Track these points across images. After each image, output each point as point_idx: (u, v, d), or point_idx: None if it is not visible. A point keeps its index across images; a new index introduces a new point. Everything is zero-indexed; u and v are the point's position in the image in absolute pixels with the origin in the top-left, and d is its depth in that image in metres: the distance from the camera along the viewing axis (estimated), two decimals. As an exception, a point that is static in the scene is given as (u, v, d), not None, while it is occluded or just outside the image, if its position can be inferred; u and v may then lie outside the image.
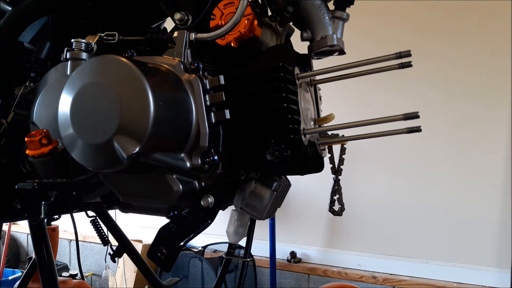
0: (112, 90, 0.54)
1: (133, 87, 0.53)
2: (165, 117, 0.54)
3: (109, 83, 0.54)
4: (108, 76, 0.55)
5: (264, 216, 0.65)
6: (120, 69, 0.54)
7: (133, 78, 0.53)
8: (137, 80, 0.53)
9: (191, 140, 0.59)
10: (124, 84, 0.53)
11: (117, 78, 0.54)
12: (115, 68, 0.55)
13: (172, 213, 0.62)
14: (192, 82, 0.59)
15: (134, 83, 0.53)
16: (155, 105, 0.52)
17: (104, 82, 0.55)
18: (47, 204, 0.56)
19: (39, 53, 0.78)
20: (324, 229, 2.67)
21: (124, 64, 0.54)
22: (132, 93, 0.53)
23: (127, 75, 0.53)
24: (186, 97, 0.59)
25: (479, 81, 2.29)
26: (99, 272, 3.15)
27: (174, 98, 0.57)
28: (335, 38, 0.67)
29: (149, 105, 0.52)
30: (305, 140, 0.59)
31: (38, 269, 1.01)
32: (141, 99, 0.52)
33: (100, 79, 0.55)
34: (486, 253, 2.28)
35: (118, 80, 0.54)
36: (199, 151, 0.59)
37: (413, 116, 0.55)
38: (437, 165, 2.39)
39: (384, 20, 2.51)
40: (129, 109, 0.52)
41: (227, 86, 0.59)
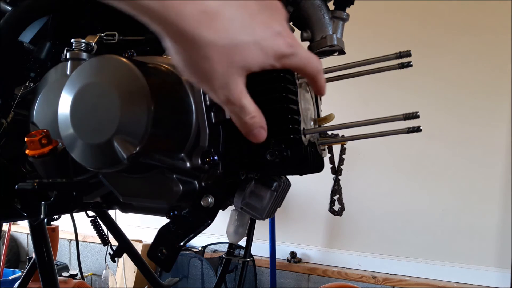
0: (112, 90, 0.54)
1: (133, 87, 0.53)
2: (165, 117, 0.54)
3: (109, 83, 0.54)
4: (108, 76, 0.55)
5: (264, 216, 0.65)
6: (120, 69, 0.54)
7: (133, 78, 0.53)
8: (137, 80, 0.53)
9: (191, 140, 0.59)
10: (124, 84, 0.53)
11: (117, 78, 0.54)
12: (115, 68, 0.55)
13: (172, 213, 0.62)
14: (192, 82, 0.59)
15: (134, 83, 0.53)
16: (155, 105, 0.52)
17: (104, 82, 0.55)
18: (47, 204, 0.56)
19: (39, 53, 0.78)
20: (324, 229, 2.67)
21: (124, 64, 0.54)
22: (132, 93, 0.53)
23: (127, 75, 0.53)
24: (186, 97, 0.59)
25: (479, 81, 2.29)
26: (99, 272, 3.15)
27: (174, 98, 0.57)
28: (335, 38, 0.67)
29: (149, 105, 0.52)
30: (305, 140, 0.59)
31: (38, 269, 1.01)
32: (141, 99, 0.52)
33: (100, 79, 0.55)
34: (486, 253, 2.28)
35: (118, 80, 0.54)
36: (199, 151, 0.59)
37: (413, 116, 0.55)
38: (437, 165, 2.39)
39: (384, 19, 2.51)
40: (129, 109, 0.52)
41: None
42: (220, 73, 0.41)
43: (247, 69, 0.42)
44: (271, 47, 0.42)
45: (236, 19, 0.40)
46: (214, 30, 0.38)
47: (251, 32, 0.41)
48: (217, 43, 0.39)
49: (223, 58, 0.40)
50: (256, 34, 0.41)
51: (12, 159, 0.71)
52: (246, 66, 0.42)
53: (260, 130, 0.46)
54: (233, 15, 0.39)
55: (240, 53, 0.40)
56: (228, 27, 0.39)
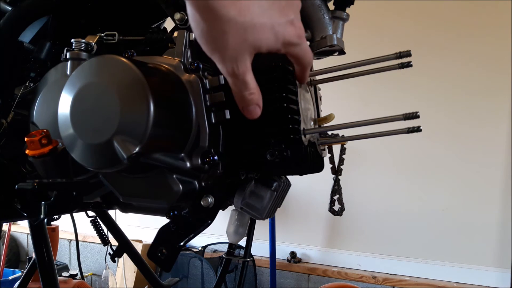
0: (112, 90, 0.54)
1: (133, 87, 0.53)
2: (165, 117, 0.54)
3: (109, 83, 0.54)
4: (108, 76, 0.55)
5: (264, 216, 0.65)
6: (120, 69, 0.54)
7: (133, 78, 0.53)
8: (137, 80, 0.53)
9: (191, 140, 0.59)
10: (124, 84, 0.53)
11: (117, 78, 0.54)
12: (115, 68, 0.55)
13: (172, 213, 0.62)
14: (192, 82, 0.59)
15: (134, 83, 0.53)
16: (155, 105, 0.52)
17: (104, 82, 0.55)
18: (47, 204, 0.56)
19: (39, 53, 0.78)
20: (324, 229, 2.67)
21: (124, 64, 0.54)
22: (132, 93, 0.53)
23: (127, 75, 0.53)
24: (186, 97, 0.59)
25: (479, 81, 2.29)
26: (99, 272, 3.15)
27: (174, 98, 0.57)
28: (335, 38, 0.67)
29: (149, 105, 0.52)
30: (305, 140, 0.59)
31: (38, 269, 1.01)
32: (141, 99, 0.52)
33: (100, 79, 0.55)
34: (486, 253, 2.28)
35: (118, 80, 0.54)
36: (199, 151, 0.59)
37: (413, 116, 0.55)
38: (437, 165, 2.39)
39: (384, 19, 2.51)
40: (129, 109, 0.52)
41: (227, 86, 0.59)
42: (233, 47, 0.44)
43: (257, 48, 0.46)
44: (283, 34, 0.46)
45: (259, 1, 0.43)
46: (237, 8, 0.42)
47: (268, 16, 0.44)
48: (237, 20, 0.43)
49: (238, 34, 0.43)
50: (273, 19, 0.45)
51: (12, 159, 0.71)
52: (257, 46, 0.45)
53: (255, 107, 0.50)
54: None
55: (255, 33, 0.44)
56: (250, 7, 0.43)
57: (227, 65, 0.47)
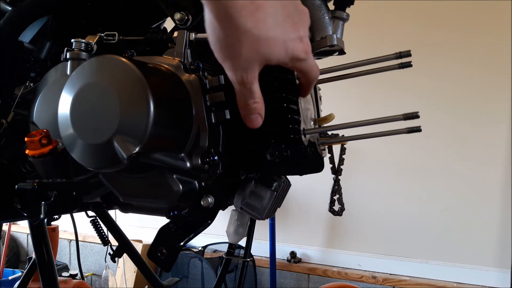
0: (112, 90, 0.54)
1: (133, 87, 0.53)
2: (165, 117, 0.54)
3: (109, 83, 0.54)
4: (108, 76, 0.55)
5: (264, 216, 0.65)
6: (120, 69, 0.54)
7: (133, 78, 0.53)
8: (137, 80, 0.53)
9: (191, 140, 0.59)
10: (124, 84, 0.53)
11: (117, 78, 0.54)
12: (115, 68, 0.55)
13: (172, 213, 0.62)
14: (192, 82, 0.59)
15: (134, 83, 0.53)
16: (155, 105, 0.52)
17: (104, 82, 0.55)
18: (47, 204, 0.56)
19: (39, 53, 0.78)
20: (324, 229, 2.67)
21: (124, 64, 0.54)
22: (132, 93, 0.53)
23: (127, 75, 0.53)
24: (186, 97, 0.59)
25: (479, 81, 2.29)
26: (99, 272, 3.15)
27: (174, 98, 0.57)
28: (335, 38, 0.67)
29: (149, 105, 0.52)
30: (305, 140, 0.59)
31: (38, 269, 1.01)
32: (141, 99, 0.52)
33: (100, 79, 0.55)
34: (486, 253, 2.28)
35: (118, 80, 0.54)
36: (199, 151, 0.59)
37: (413, 116, 0.55)
38: (437, 165, 2.39)
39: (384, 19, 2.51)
40: (129, 109, 0.52)
41: (227, 86, 0.59)
42: (245, 56, 0.46)
43: (267, 60, 0.48)
44: (292, 49, 0.48)
45: (274, 15, 0.45)
46: (254, 21, 0.44)
47: (282, 31, 0.46)
48: (253, 32, 0.44)
49: (252, 46, 0.45)
50: (285, 34, 0.47)
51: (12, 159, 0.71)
52: (267, 58, 0.47)
53: (257, 116, 0.52)
54: (273, 12, 0.45)
55: (268, 46, 0.46)
56: (266, 20, 0.44)
57: (237, 73, 0.48)
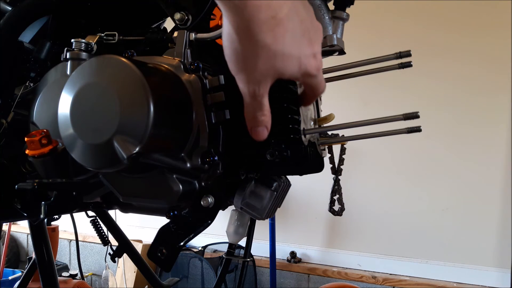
0: (112, 90, 0.54)
1: (133, 87, 0.53)
2: (165, 117, 0.54)
3: (109, 83, 0.54)
4: (108, 76, 0.55)
5: (264, 216, 0.65)
6: (120, 69, 0.54)
7: (133, 78, 0.53)
8: (137, 80, 0.53)
9: (191, 140, 0.59)
10: (124, 84, 0.53)
11: (117, 78, 0.54)
12: (115, 68, 0.55)
13: (172, 213, 0.62)
14: (192, 82, 0.59)
15: (134, 83, 0.53)
16: (155, 105, 0.52)
17: (104, 82, 0.55)
18: (47, 204, 0.56)
19: (39, 53, 0.78)
20: (324, 229, 2.67)
21: (124, 64, 0.54)
22: (132, 93, 0.53)
23: (127, 75, 0.53)
24: (186, 97, 0.59)
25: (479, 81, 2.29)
26: (99, 272, 3.15)
27: (174, 98, 0.57)
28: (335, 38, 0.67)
29: (149, 105, 0.52)
30: (305, 140, 0.59)
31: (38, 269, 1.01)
32: (141, 99, 0.52)
33: (100, 79, 0.55)
34: (486, 253, 2.28)
35: (118, 80, 0.54)
36: (199, 151, 0.59)
37: (413, 116, 0.55)
38: (437, 165, 2.39)
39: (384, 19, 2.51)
40: (129, 109, 0.52)
41: (227, 86, 0.59)
42: (260, 70, 0.46)
43: (280, 75, 0.48)
44: (305, 65, 0.48)
45: (293, 32, 0.45)
46: (273, 36, 0.44)
47: (298, 47, 0.46)
48: (270, 48, 0.44)
49: (268, 60, 0.45)
50: (301, 51, 0.47)
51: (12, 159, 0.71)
52: (281, 73, 0.47)
53: (264, 129, 0.52)
54: (292, 28, 0.45)
55: (283, 61, 0.46)
56: (285, 36, 0.44)
57: (250, 86, 0.48)
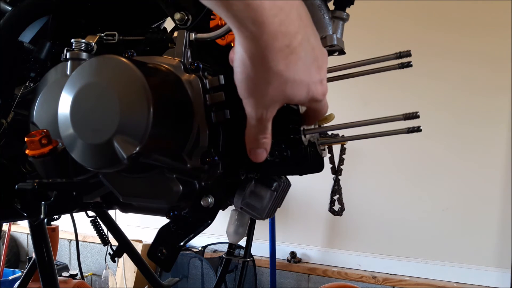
0: (112, 90, 0.54)
1: (133, 87, 0.53)
2: (165, 117, 0.54)
3: (109, 83, 0.54)
4: (108, 76, 0.55)
5: (264, 216, 0.65)
6: (120, 69, 0.54)
7: (133, 78, 0.53)
8: (137, 80, 0.53)
9: (191, 140, 0.59)
10: (124, 84, 0.53)
11: (117, 78, 0.54)
12: (115, 68, 0.55)
13: (172, 213, 0.62)
14: (192, 82, 0.59)
15: (134, 83, 0.53)
16: (155, 105, 0.52)
17: (104, 82, 0.55)
18: (47, 204, 0.56)
19: (39, 53, 0.78)
20: (324, 229, 2.67)
21: (124, 64, 0.54)
22: (132, 93, 0.53)
23: (127, 75, 0.53)
24: (186, 97, 0.59)
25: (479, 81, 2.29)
26: (99, 272, 3.15)
27: (174, 98, 0.57)
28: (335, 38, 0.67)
29: (149, 105, 0.52)
30: (305, 140, 0.59)
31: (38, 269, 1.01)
32: (141, 99, 0.52)
33: (100, 79, 0.55)
34: (486, 253, 2.28)
35: (118, 80, 0.54)
36: (199, 151, 0.59)
37: (413, 116, 0.55)
38: (437, 165, 2.39)
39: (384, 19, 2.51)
40: (129, 109, 0.52)
41: (227, 86, 0.59)
42: (270, 97, 0.46)
43: (288, 101, 0.48)
44: (313, 92, 0.49)
45: (304, 59, 0.45)
46: (286, 63, 0.44)
47: (308, 74, 0.47)
48: (283, 75, 0.44)
49: (279, 87, 0.45)
50: (310, 77, 0.47)
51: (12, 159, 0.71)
52: (290, 99, 0.48)
53: (263, 151, 0.52)
54: (304, 56, 0.45)
55: (294, 88, 0.46)
56: (297, 64, 0.45)
57: (258, 111, 0.48)
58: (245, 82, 0.46)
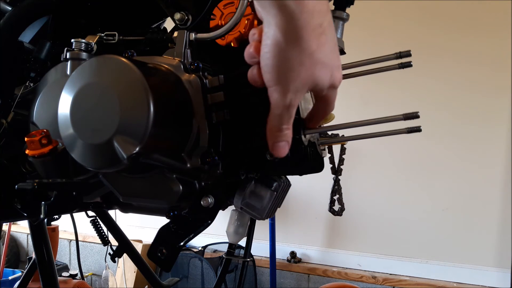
0: (112, 90, 0.54)
1: (133, 87, 0.53)
2: (165, 117, 0.54)
3: (109, 83, 0.54)
4: (108, 76, 0.55)
5: (264, 216, 0.65)
6: (120, 69, 0.54)
7: (133, 78, 0.53)
8: (137, 80, 0.53)
9: (191, 140, 0.59)
10: (124, 84, 0.53)
11: (117, 78, 0.54)
12: (115, 68, 0.55)
13: (172, 213, 0.62)
14: (192, 82, 0.59)
15: (134, 83, 0.53)
16: (155, 105, 0.52)
17: (104, 82, 0.55)
18: (47, 204, 0.56)
19: (39, 53, 0.78)
20: (324, 229, 2.67)
21: (124, 64, 0.54)
22: (132, 93, 0.53)
23: (127, 75, 0.53)
24: (186, 97, 0.59)
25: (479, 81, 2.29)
26: (99, 272, 3.15)
27: (174, 98, 0.57)
28: (335, 38, 0.67)
29: (149, 105, 0.52)
30: (305, 140, 0.59)
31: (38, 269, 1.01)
32: (141, 99, 0.52)
33: (100, 79, 0.55)
34: (486, 253, 2.28)
35: (118, 80, 0.54)
36: (199, 151, 0.59)
37: (413, 116, 0.55)
38: (437, 165, 2.39)
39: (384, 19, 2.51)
40: (129, 109, 0.52)
41: (227, 86, 0.59)
42: (301, 80, 0.45)
43: (315, 85, 0.47)
44: (334, 77, 0.48)
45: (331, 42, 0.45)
46: (318, 44, 0.43)
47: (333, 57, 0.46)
48: (315, 55, 0.44)
49: (311, 69, 0.44)
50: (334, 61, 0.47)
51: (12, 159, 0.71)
52: (317, 83, 0.46)
53: (285, 144, 0.50)
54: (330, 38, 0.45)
55: (321, 70, 0.45)
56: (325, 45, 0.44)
57: (288, 96, 0.46)
58: (277, 66, 0.45)
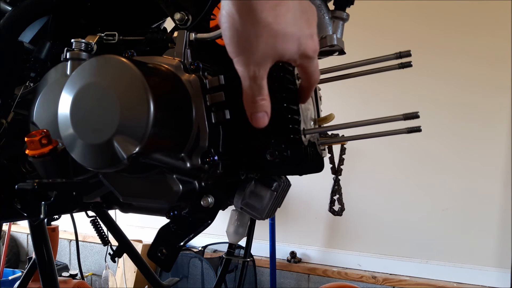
0: (112, 90, 0.54)
1: (133, 87, 0.53)
2: (165, 117, 0.54)
3: (109, 83, 0.54)
4: (108, 76, 0.55)
5: (264, 216, 0.65)
6: (120, 69, 0.54)
7: (133, 78, 0.53)
8: (137, 80, 0.53)
9: (191, 140, 0.59)
10: (124, 84, 0.53)
11: (117, 78, 0.54)
12: (115, 68, 0.55)
13: (172, 213, 0.62)
14: (192, 82, 0.59)
15: (134, 83, 0.53)
16: (155, 105, 0.52)
17: (104, 82, 0.55)
18: (47, 204, 0.56)
19: (39, 53, 0.78)
20: (324, 229, 2.67)
21: (124, 64, 0.54)
22: (132, 93, 0.53)
23: (127, 75, 0.53)
24: (186, 97, 0.59)
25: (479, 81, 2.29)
26: (99, 272, 3.15)
27: (174, 98, 0.57)
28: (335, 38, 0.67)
29: (149, 105, 0.52)
30: (305, 140, 0.59)
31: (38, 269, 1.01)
32: (141, 99, 0.52)
33: (100, 79, 0.55)
34: (486, 253, 2.28)
35: (118, 80, 0.54)
36: (199, 151, 0.59)
37: (413, 116, 0.55)
38: (437, 165, 2.39)
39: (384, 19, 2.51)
40: (129, 109, 0.52)
41: (227, 86, 0.59)
42: (262, 51, 0.45)
43: (280, 56, 0.47)
44: (304, 46, 0.47)
45: (293, 11, 0.45)
46: (274, 15, 0.43)
47: (298, 27, 0.46)
48: (273, 27, 0.44)
49: (270, 40, 0.44)
50: (301, 31, 0.46)
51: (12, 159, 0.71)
52: (281, 54, 0.46)
53: (264, 115, 0.51)
54: (292, 7, 0.44)
55: (284, 41, 0.45)
56: (285, 15, 0.44)
57: (250, 68, 0.47)
58: (234, 38, 0.45)
